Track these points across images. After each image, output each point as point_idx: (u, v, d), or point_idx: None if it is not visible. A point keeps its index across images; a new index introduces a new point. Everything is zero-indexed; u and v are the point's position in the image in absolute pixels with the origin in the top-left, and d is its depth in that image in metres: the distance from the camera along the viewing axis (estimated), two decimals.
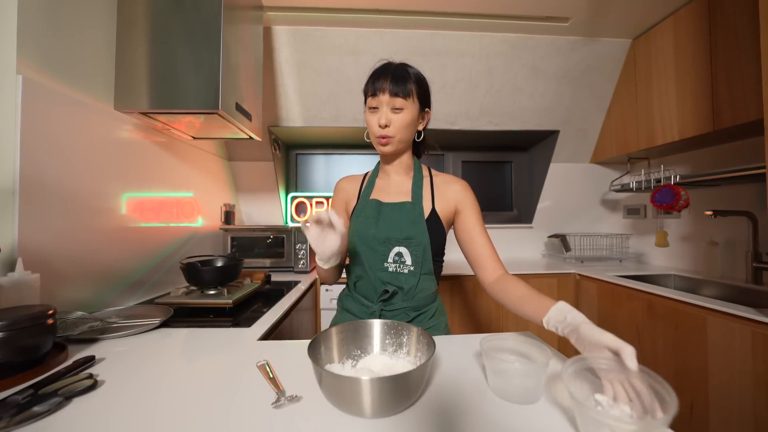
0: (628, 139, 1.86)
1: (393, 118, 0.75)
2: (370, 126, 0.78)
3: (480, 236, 0.78)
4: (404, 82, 0.75)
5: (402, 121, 0.76)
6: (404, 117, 0.76)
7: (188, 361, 0.70)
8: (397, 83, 0.74)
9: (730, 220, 1.57)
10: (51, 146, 0.88)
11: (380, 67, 0.79)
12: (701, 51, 1.44)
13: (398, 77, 0.75)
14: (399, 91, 0.74)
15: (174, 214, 1.41)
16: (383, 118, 0.75)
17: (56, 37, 0.90)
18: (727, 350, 1.09)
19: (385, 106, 0.75)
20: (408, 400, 0.50)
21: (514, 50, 1.78)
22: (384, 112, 0.75)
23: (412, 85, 0.76)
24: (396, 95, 0.74)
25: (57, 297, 0.87)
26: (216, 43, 1.08)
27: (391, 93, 0.74)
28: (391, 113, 0.75)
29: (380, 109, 0.76)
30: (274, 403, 0.50)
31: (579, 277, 1.82)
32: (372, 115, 0.77)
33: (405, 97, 0.75)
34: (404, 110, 0.76)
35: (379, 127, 0.76)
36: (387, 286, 0.78)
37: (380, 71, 0.77)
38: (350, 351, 0.63)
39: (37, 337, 0.62)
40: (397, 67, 0.78)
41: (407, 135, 0.79)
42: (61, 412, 0.49)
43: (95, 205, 1.02)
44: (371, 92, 0.76)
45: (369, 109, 0.78)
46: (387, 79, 0.74)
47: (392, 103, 0.75)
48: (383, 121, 0.75)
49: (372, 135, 0.79)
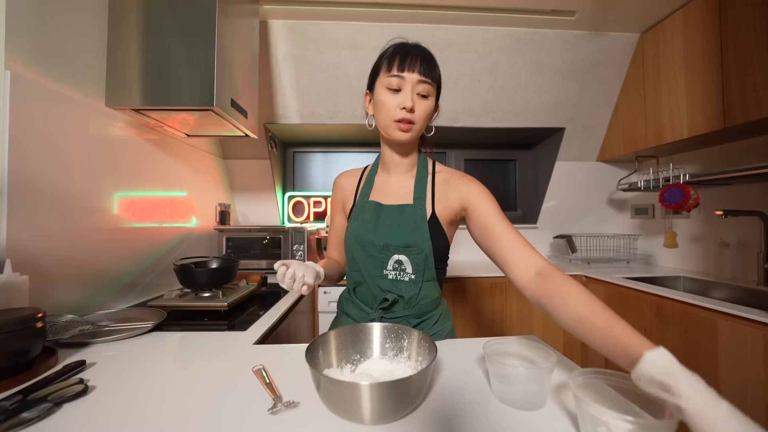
0: (636, 137, 1.86)
1: (418, 103, 0.68)
2: (387, 107, 0.68)
3: (498, 227, 0.67)
4: (434, 66, 0.69)
5: (427, 108, 0.69)
6: (429, 105, 0.70)
7: (182, 365, 0.69)
8: (429, 66, 0.68)
9: (742, 220, 1.56)
10: (40, 144, 0.88)
11: (406, 43, 0.71)
12: (711, 45, 1.44)
13: (429, 59, 0.68)
14: (430, 74, 0.67)
15: (167, 214, 1.42)
16: (409, 101, 0.66)
17: (46, 32, 0.90)
18: (738, 355, 1.09)
19: (410, 87, 0.67)
20: (409, 406, 0.50)
21: (519, 45, 1.78)
22: (409, 94, 0.67)
23: (438, 72, 0.70)
24: (426, 77, 0.67)
25: (46, 300, 0.87)
26: (211, 38, 1.08)
27: (422, 73, 0.66)
28: (416, 98, 0.68)
29: (404, 90, 0.67)
30: (270, 409, 0.50)
31: (585, 279, 1.82)
32: (392, 96, 0.68)
33: (432, 83, 0.69)
34: (429, 98, 0.70)
35: (403, 109, 0.67)
36: (387, 294, 0.75)
37: (408, 48, 0.69)
38: (349, 355, 0.63)
39: (25, 341, 0.62)
40: (425, 49, 0.70)
41: (424, 126, 0.73)
42: (50, 418, 0.49)
43: (86, 204, 1.02)
44: (397, 68, 0.67)
45: (387, 89, 0.68)
46: (417, 59, 0.67)
47: (420, 87, 0.68)
48: (409, 104, 0.66)
49: (387, 118, 0.69)
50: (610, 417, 0.39)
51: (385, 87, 0.69)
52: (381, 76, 0.70)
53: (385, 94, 0.69)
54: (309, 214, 2.28)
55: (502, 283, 1.76)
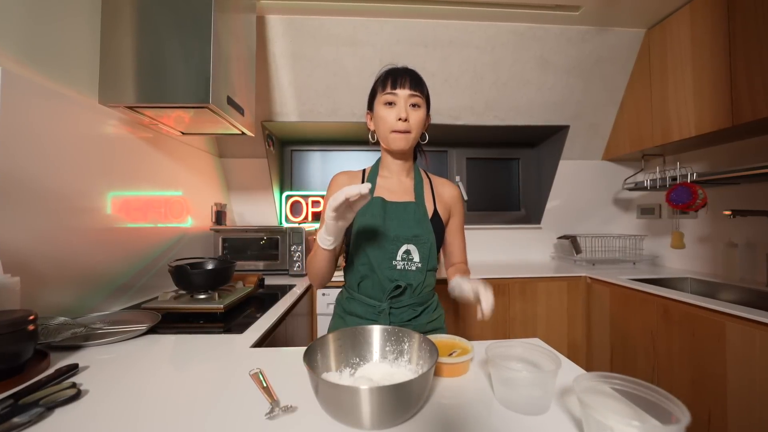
0: (642, 135, 1.86)
1: (411, 114, 0.82)
2: (385, 120, 0.83)
3: (458, 237, 0.94)
4: (421, 83, 0.84)
5: (419, 117, 0.83)
6: (421, 114, 0.84)
7: (177, 369, 0.69)
8: (417, 83, 0.83)
9: (750, 220, 1.56)
10: (31, 142, 0.88)
11: (394, 67, 0.87)
12: (720, 41, 1.44)
13: (416, 77, 0.84)
14: (418, 89, 0.83)
15: (162, 214, 1.42)
16: (403, 112, 0.81)
17: (37, 27, 0.90)
18: (747, 358, 1.09)
19: (403, 101, 0.81)
20: (409, 411, 0.50)
21: (522, 41, 1.78)
22: (403, 106, 0.81)
23: (425, 88, 0.86)
24: (416, 90, 0.82)
25: (38, 302, 0.87)
26: (206, 33, 1.08)
27: (412, 88, 0.82)
28: (410, 109, 0.82)
29: (398, 104, 0.82)
30: (267, 413, 0.50)
31: (590, 280, 1.82)
32: (389, 110, 0.83)
33: (422, 96, 0.83)
34: (420, 108, 0.84)
35: (399, 120, 0.81)
36: (397, 282, 0.83)
37: (397, 70, 0.85)
38: (348, 359, 0.63)
39: (17, 344, 0.62)
40: (413, 70, 0.87)
41: (419, 134, 0.86)
42: (42, 423, 0.49)
43: (79, 204, 1.02)
44: (390, 86, 0.82)
45: (384, 105, 0.83)
46: (406, 77, 0.82)
47: (411, 99, 0.82)
48: (404, 114, 0.81)
49: (386, 130, 0.84)
50: (616, 422, 0.39)
51: (383, 104, 0.83)
52: (378, 96, 0.85)
53: (383, 110, 0.83)
54: (307, 214, 2.28)
55: (505, 284, 1.76)
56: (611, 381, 0.49)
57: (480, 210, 2.51)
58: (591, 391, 0.49)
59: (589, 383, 0.48)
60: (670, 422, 0.41)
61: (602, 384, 0.49)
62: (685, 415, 0.40)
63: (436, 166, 2.49)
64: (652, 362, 1.45)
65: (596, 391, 0.49)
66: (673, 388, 1.33)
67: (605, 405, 0.48)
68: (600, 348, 1.76)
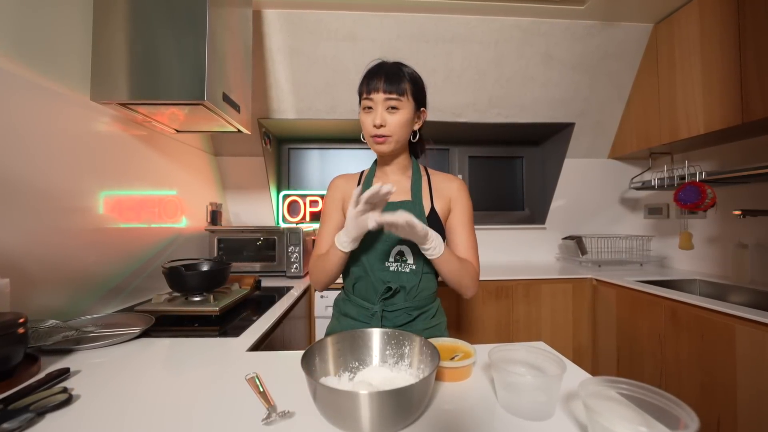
0: (650, 133, 1.86)
1: (388, 118, 0.80)
2: (365, 126, 0.83)
3: (460, 233, 0.86)
4: (398, 81, 0.80)
5: (398, 120, 0.81)
6: (400, 117, 0.81)
7: (171, 373, 0.69)
8: (392, 82, 0.79)
9: (761, 220, 1.56)
10: (21, 140, 0.88)
11: (374, 66, 0.85)
12: (729, 36, 1.44)
13: (392, 76, 0.80)
14: (393, 89, 0.79)
15: (156, 213, 1.42)
16: (378, 118, 0.79)
17: (27, 20, 0.90)
18: (757, 362, 1.09)
19: (380, 106, 0.80)
20: (410, 417, 0.50)
21: (526, 36, 1.78)
22: (379, 112, 0.80)
23: (407, 84, 0.81)
24: (390, 93, 0.79)
25: (28, 304, 0.87)
26: (201, 28, 1.08)
27: (386, 91, 0.79)
28: (386, 113, 0.80)
29: (375, 109, 0.80)
30: (264, 419, 0.50)
31: (596, 282, 1.82)
32: (367, 115, 0.82)
33: (399, 96, 0.80)
34: (400, 110, 0.81)
35: (374, 127, 0.80)
36: (389, 284, 0.82)
37: (374, 71, 0.83)
38: (347, 363, 0.63)
39: (6, 348, 0.62)
40: (391, 66, 0.83)
41: (403, 135, 0.84)
42: (32, 429, 0.49)
43: (70, 204, 1.02)
44: (365, 92, 0.81)
45: (364, 110, 0.83)
46: (381, 78, 0.79)
47: (387, 103, 0.80)
48: (378, 121, 0.79)
49: (367, 135, 0.84)
50: (623, 428, 0.39)
51: (363, 108, 0.83)
52: (360, 99, 0.84)
53: (363, 115, 0.83)
54: (305, 213, 2.28)
55: (509, 286, 1.76)
56: (618, 386, 0.49)
57: (482, 210, 2.51)
58: (597, 396, 0.49)
59: (595, 388, 0.48)
60: (678, 428, 0.41)
61: (608, 389, 0.49)
62: (694, 421, 0.40)
63: (438, 164, 2.49)
64: (659, 366, 1.45)
65: (602, 396, 0.49)
66: (682, 392, 1.33)
67: (612, 410, 0.48)
68: (606, 351, 1.76)
